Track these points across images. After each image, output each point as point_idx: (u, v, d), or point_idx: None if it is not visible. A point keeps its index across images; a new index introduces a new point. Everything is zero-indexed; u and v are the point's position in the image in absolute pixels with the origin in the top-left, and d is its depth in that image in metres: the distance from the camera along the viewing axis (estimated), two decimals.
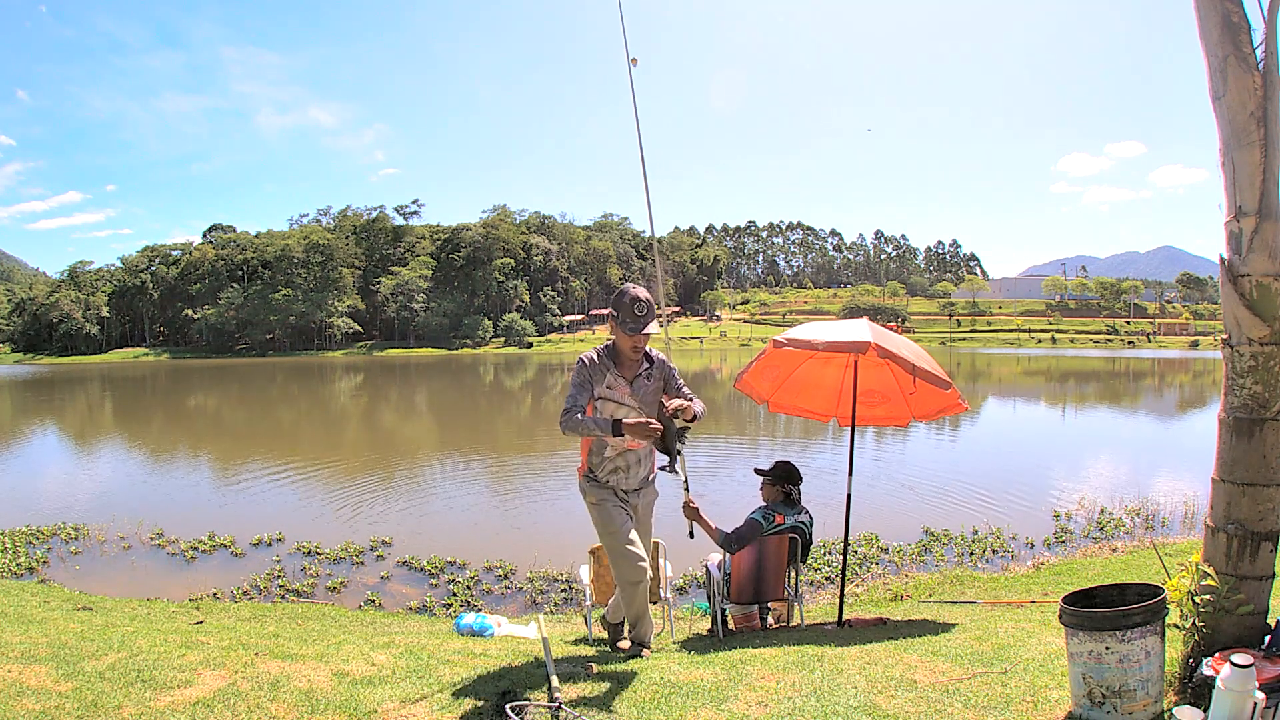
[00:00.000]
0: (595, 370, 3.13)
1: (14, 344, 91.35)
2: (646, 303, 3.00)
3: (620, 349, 3.12)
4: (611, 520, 3.16)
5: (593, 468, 3.24)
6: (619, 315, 3.01)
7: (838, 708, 2.33)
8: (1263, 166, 2.18)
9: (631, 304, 2.97)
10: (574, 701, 2.45)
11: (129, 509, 9.48)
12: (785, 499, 4.13)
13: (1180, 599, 2.21)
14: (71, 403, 29.70)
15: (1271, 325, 2.18)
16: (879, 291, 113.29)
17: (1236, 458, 2.22)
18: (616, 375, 3.12)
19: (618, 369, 3.13)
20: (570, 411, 3.01)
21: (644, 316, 2.99)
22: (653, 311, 3.03)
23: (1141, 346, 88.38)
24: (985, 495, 9.94)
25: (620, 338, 3.08)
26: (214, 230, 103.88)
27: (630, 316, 2.99)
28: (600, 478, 3.22)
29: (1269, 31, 2.16)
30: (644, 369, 3.18)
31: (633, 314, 2.99)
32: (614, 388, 3.12)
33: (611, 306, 3.05)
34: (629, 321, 3.00)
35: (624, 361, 3.16)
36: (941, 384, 4.07)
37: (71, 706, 2.22)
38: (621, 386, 3.13)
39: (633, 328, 2.98)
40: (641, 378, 3.16)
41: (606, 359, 3.14)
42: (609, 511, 3.17)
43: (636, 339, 3.02)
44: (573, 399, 3.04)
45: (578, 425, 2.97)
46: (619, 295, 3.01)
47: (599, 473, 3.22)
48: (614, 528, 3.14)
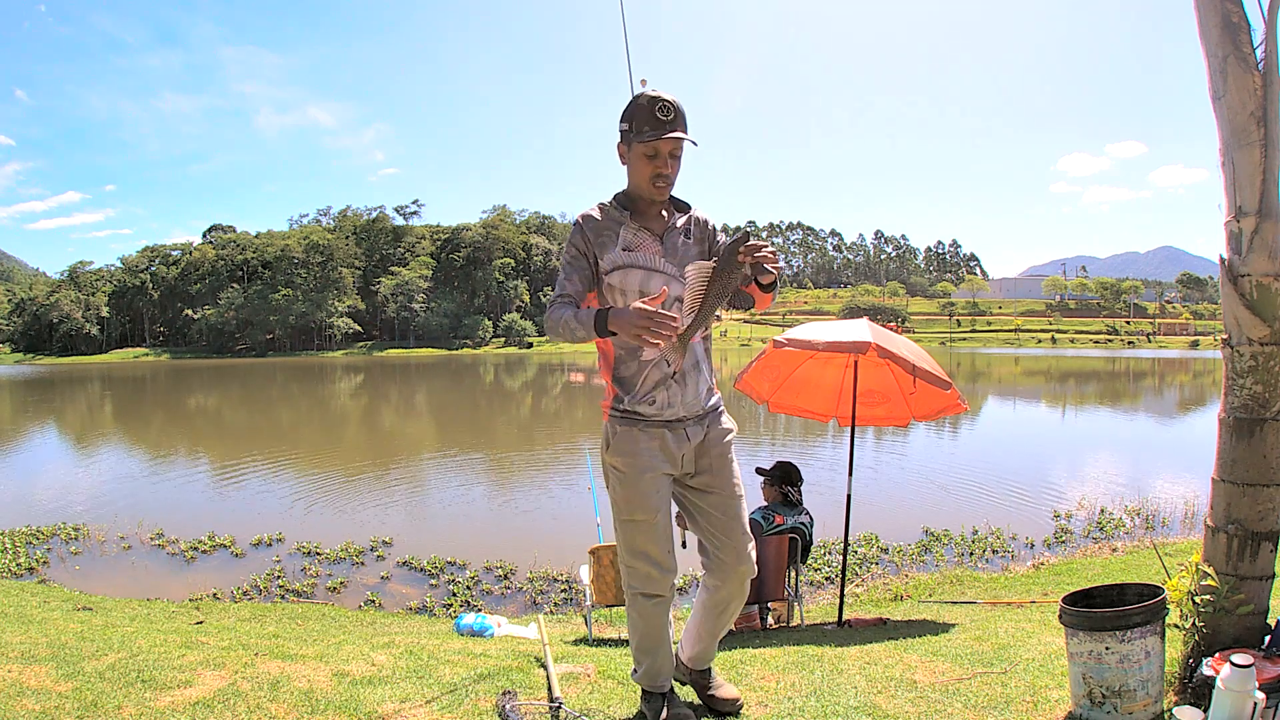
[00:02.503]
0: (598, 229, 2.01)
1: (14, 344, 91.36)
2: (673, 104, 1.92)
3: (638, 183, 2.00)
4: (646, 499, 2.00)
5: (623, 388, 2.04)
6: (632, 123, 1.94)
7: (838, 708, 2.32)
8: (1263, 166, 2.18)
9: (650, 104, 1.90)
10: (573, 701, 2.45)
11: (129, 509, 9.48)
12: (784, 500, 4.14)
13: (1180, 599, 2.21)
14: (71, 403, 29.70)
15: (1271, 325, 2.18)
16: (879, 291, 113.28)
17: (1236, 458, 2.22)
18: (638, 228, 2.02)
19: (635, 214, 2.03)
20: (558, 303, 1.96)
21: (670, 120, 1.91)
22: (683, 117, 1.94)
23: (1141, 346, 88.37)
24: (985, 495, 9.94)
25: (636, 164, 1.97)
26: (214, 230, 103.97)
27: (649, 119, 1.90)
28: (638, 403, 2.02)
29: (1269, 31, 2.16)
30: (676, 220, 2.07)
31: (653, 116, 1.90)
32: (635, 247, 2.01)
33: (621, 119, 1.98)
34: (647, 127, 1.91)
35: (645, 206, 2.04)
36: (941, 384, 4.08)
37: (71, 706, 2.22)
38: (648, 243, 2.02)
39: (652, 134, 1.90)
40: (676, 232, 2.05)
41: (616, 209, 2.04)
42: (642, 489, 2.01)
43: (660, 149, 1.92)
44: (561, 284, 2.00)
45: (558, 322, 1.90)
46: (631, 100, 1.97)
47: (637, 392, 2.01)
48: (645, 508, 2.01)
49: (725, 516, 2.09)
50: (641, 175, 1.98)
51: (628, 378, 2.04)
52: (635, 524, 2.04)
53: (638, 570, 2.08)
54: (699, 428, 2.08)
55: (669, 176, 1.97)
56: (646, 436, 2.03)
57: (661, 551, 2.07)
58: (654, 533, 2.04)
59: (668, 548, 2.08)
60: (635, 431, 2.03)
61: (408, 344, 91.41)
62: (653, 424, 2.02)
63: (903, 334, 5.33)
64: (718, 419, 2.13)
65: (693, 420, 2.07)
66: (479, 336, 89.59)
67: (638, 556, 2.06)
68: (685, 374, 2.03)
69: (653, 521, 2.03)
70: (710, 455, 2.10)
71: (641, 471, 2.01)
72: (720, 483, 2.09)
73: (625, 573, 2.12)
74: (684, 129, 1.93)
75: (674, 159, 1.96)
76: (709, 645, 2.26)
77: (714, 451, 2.11)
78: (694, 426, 2.07)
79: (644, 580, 2.08)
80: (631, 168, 2.00)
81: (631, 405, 2.03)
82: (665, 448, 2.04)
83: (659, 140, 1.91)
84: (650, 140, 1.91)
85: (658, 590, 2.09)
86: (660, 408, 2.01)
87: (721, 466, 2.10)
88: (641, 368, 2.01)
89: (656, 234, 2.03)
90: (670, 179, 1.98)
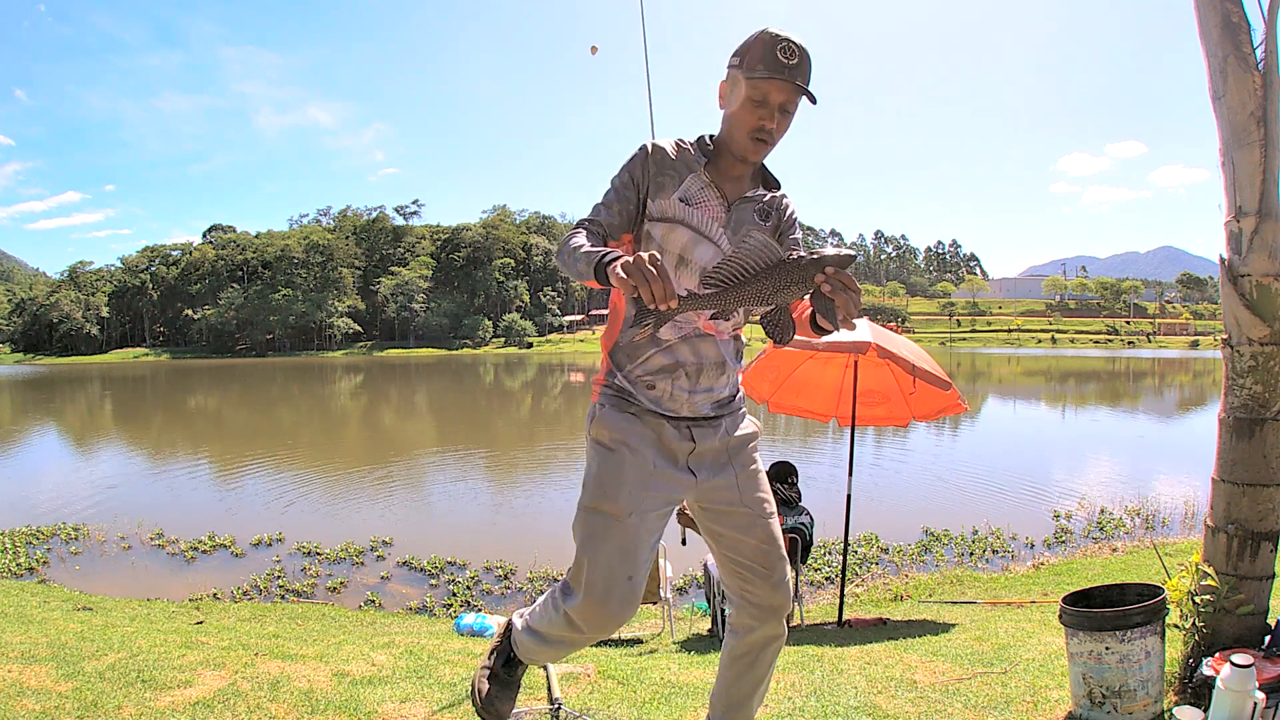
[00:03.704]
0: (662, 164, 1.61)
1: (14, 344, 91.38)
2: (799, 48, 1.51)
3: (732, 132, 1.58)
4: (621, 488, 1.54)
5: (619, 360, 1.65)
6: (744, 58, 1.53)
7: (838, 708, 2.33)
8: (1263, 166, 2.18)
9: (773, 41, 1.50)
10: (573, 701, 2.45)
11: (129, 509, 9.48)
12: (778, 501, 4.14)
13: (1180, 599, 2.21)
14: (71, 403, 29.71)
15: (1271, 325, 2.18)
16: (879, 292, 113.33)
17: (1236, 458, 2.22)
18: (709, 182, 1.61)
19: (713, 166, 1.63)
20: (582, 226, 1.56)
21: (794, 64, 1.50)
22: (809, 67, 1.53)
23: (1141, 346, 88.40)
24: (985, 495, 9.93)
25: (737, 109, 1.55)
26: (214, 230, 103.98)
27: (767, 57, 1.49)
28: (635, 386, 1.62)
29: (1269, 31, 2.16)
30: (757, 193, 1.67)
31: (773, 54, 1.49)
32: (697, 203, 1.60)
33: (734, 54, 1.57)
34: (761, 65, 1.50)
35: (730, 163, 1.63)
36: (941, 384, 4.08)
37: (71, 706, 2.22)
38: (713, 203, 1.61)
39: (766, 74, 1.49)
40: (750, 204, 1.65)
41: (693, 150, 1.63)
42: (620, 471, 1.56)
43: (771, 95, 1.51)
44: (598, 209, 1.60)
45: (568, 245, 1.47)
46: (751, 36, 1.55)
47: (633, 371, 1.63)
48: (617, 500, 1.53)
49: (755, 539, 1.64)
50: (741, 124, 1.55)
51: (625, 351, 1.63)
52: (598, 516, 1.53)
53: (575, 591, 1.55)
54: (710, 429, 1.64)
55: (773, 133, 1.55)
56: (640, 422, 1.60)
57: (614, 578, 1.50)
58: (613, 538, 1.51)
59: (627, 573, 1.51)
60: (620, 408, 1.61)
61: (408, 344, 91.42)
62: (649, 413, 1.61)
63: (903, 334, 5.34)
64: (736, 420, 1.70)
65: (701, 421, 1.64)
66: (479, 337, 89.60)
67: (581, 567, 1.53)
68: (703, 369, 1.61)
69: (620, 522, 1.51)
70: (730, 464, 1.66)
71: (631, 451, 1.56)
72: (745, 498, 1.65)
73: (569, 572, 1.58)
74: (806, 80, 1.53)
75: (784, 114, 1.55)
76: (745, 709, 1.73)
77: (735, 460, 1.67)
78: (703, 428, 1.63)
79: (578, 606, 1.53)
80: (730, 112, 1.57)
81: (625, 382, 1.62)
82: (663, 441, 1.60)
83: (772, 83, 1.50)
84: (762, 80, 1.50)
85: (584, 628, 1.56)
86: (658, 398, 1.60)
87: (746, 479, 1.67)
88: (638, 347, 1.61)
89: (727, 198, 1.63)
90: (774, 138, 1.56)
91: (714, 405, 1.65)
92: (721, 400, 1.66)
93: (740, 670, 1.71)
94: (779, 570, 1.65)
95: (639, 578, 1.53)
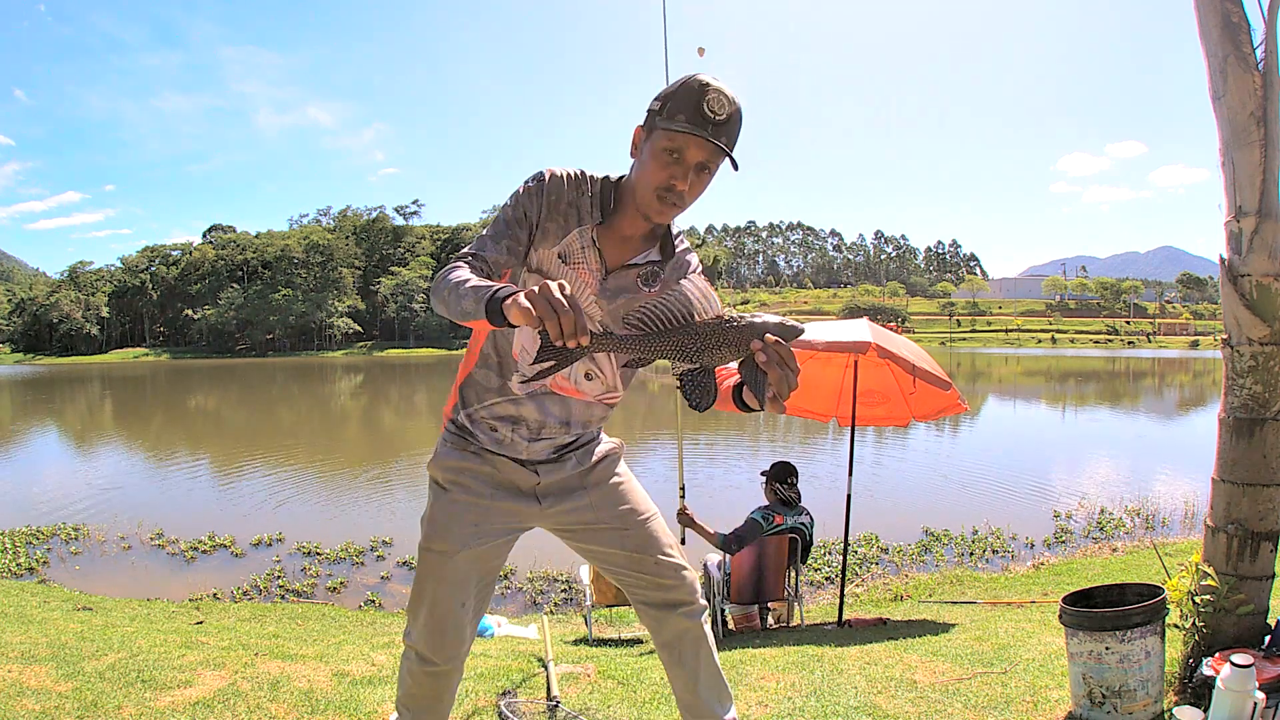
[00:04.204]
0: (558, 204, 1.46)
1: (14, 344, 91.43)
2: (730, 101, 1.33)
3: (640, 186, 1.40)
4: (450, 526, 1.55)
5: (465, 398, 1.60)
6: (666, 104, 1.34)
7: (838, 708, 2.33)
8: (1263, 166, 2.18)
9: (700, 90, 1.31)
10: (573, 701, 2.45)
11: (129, 509, 9.48)
12: (778, 501, 4.14)
13: (1180, 599, 2.21)
14: (71, 403, 29.71)
15: (1271, 325, 2.18)
16: (879, 291, 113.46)
17: (1236, 458, 2.22)
18: (591, 242, 1.46)
19: (605, 226, 1.47)
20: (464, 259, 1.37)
21: (720, 121, 1.32)
22: (736, 126, 1.36)
23: (1141, 346, 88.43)
24: (985, 495, 9.94)
25: (649, 160, 1.37)
26: (214, 230, 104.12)
27: (691, 108, 1.31)
28: (473, 420, 1.58)
29: (1269, 31, 2.16)
30: (648, 258, 1.51)
31: (698, 106, 1.31)
32: (574, 262, 1.46)
33: (656, 98, 1.38)
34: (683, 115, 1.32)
35: (630, 219, 1.46)
36: (941, 384, 4.08)
37: (71, 706, 2.22)
38: (590, 265, 1.47)
39: (687, 127, 1.31)
40: (631, 274, 1.50)
41: (596, 194, 1.47)
42: (452, 511, 1.56)
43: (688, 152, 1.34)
44: (483, 242, 1.42)
45: (449, 279, 1.26)
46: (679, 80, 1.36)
47: (476, 412, 1.58)
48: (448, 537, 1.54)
49: (626, 550, 1.62)
50: (650, 179, 1.37)
51: (478, 385, 1.57)
52: (432, 555, 1.54)
53: (413, 622, 1.59)
54: (554, 465, 1.60)
55: (684, 195, 1.37)
56: (478, 459, 1.58)
57: (447, 608, 1.54)
58: (444, 574, 1.53)
59: (460, 600, 1.54)
60: (460, 446, 1.59)
61: (408, 344, 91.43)
62: (487, 451, 1.58)
63: (903, 334, 5.34)
64: (588, 450, 1.65)
65: (543, 462, 1.60)
66: None
67: (420, 602, 1.56)
68: (545, 426, 1.55)
69: (452, 559, 1.52)
70: (581, 486, 1.63)
71: (464, 489, 1.56)
72: (604, 515, 1.63)
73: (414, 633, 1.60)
74: (731, 142, 1.35)
75: (701, 174, 1.37)
76: (698, 708, 1.65)
77: (588, 480, 1.64)
78: (546, 465, 1.60)
79: (417, 638, 1.58)
80: (641, 163, 1.39)
81: (468, 421, 1.58)
82: (502, 474, 1.58)
83: (692, 138, 1.31)
84: (681, 132, 1.31)
85: (432, 657, 1.58)
86: (499, 440, 1.56)
87: (602, 496, 1.64)
88: (485, 390, 1.55)
89: (606, 264, 1.47)
90: (685, 200, 1.38)
91: (555, 450, 1.60)
92: (564, 444, 1.61)
93: (673, 672, 1.67)
94: (664, 568, 1.63)
95: (471, 603, 1.58)
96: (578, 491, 1.63)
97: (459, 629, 1.58)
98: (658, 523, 1.68)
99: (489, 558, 1.59)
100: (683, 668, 1.64)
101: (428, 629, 1.56)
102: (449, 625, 1.56)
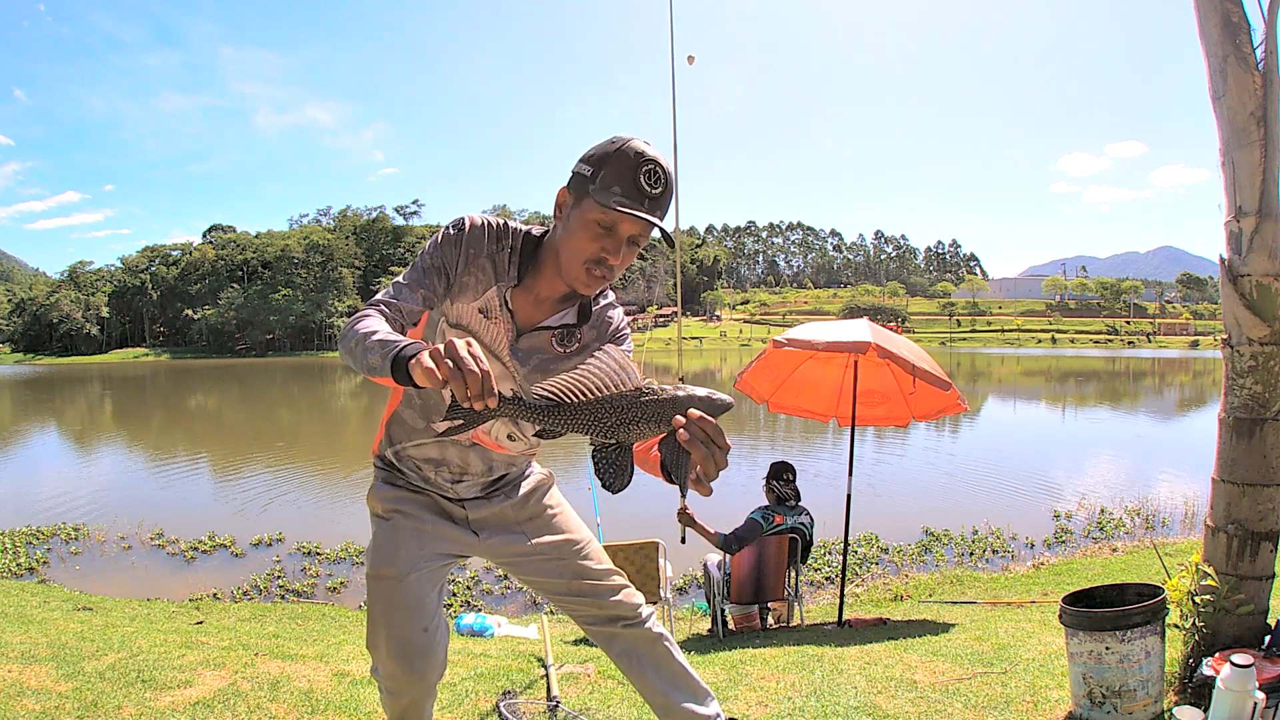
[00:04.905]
0: (476, 258, 1.41)
1: (14, 344, 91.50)
2: (665, 175, 1.29)
3: (566, 256, 1.34)
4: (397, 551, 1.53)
5: (392, 432, 1.60)
6: (599, 172, 1.28)
7: (838, 708, 2.33)
8: (1263, 166, 2.18)
9: (637, 161, 1.26)
10: (573, 701, 2.45)
11: (129, 509, 9.48)
12: (777, 500, 4.14)
13: (1180, 599, 2.21)
14: (71, 403, 29.71)
15: (1271, 325, 2.18)
16: (879, 291, 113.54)
17: (1236, 458, 2.23)
18: (505, 302, 1.42)
19: (521, 288, 1.43)
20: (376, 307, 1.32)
21: (655, 194, 1.28)
22: (669, 198, 1.31)
23: (1141, 346, 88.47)
24: (985, 495, 9.93)
25: (577, 230, 1.31)
26: (214, 230, 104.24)
27: (626, 180, 1.26)
28: (399, 457, 1.60)
29: (1269, 31, 2.16)
30: (565, 320, 1.47)
31: (634, 178, 1.26)
32: (493, 318, 1.42)
33: (585, 159, 1.32)
34: (618, 188, 1.26)
35: (547, 281, 1.42)
36: (941, 384, 4.08)
37: (71, 706, 2.22)
38: (503, 327, 1.43)
39: (623, 200, 1.26)
40: (546, 336, 1.46)
41: (515, 250, 1.43)
42: (397, 536, 1.54)
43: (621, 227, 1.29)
44: (398, 288, 1.37)
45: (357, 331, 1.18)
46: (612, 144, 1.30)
47: (403, 447, 1.58)
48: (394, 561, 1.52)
49: (565, 579, 1.64)
50: (578, 250, 1.31)
51: (404, 424, 1.56)
52: (381, 583, 1.51)
53: (375, 655, 1.55)
54: (481, 501, 1.62)
55: (614, 269, 1.32)
56: (411, 491, 1.60)
57: (409, 635, 1.50)
58: (398, 599, 1.50)
59: (421, 625, 1.51)
60: (392, 480, 1.61)
61: None
62: (413, 489, 1.60)
63: (903, 334, 5.34)
64: (516, 485, 1.66)
65: (470, 499, 1.62)
66: None
67: (376, 633, 1.51)
68: (467, 472, 1.58)
69: (402, 583, 1.50)
70: (514, 521, 1.65)
71: (404, 515, 1.56)
72: (541, 547, 1.64)
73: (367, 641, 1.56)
74: (664, 215, 1.31)
75: (631, 248, 1.32)
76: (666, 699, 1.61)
77: (520, 514, 1.66)
78: (474, 501, 1.62)
79: (384, 673, 1.56)
80: (569, 229, 1.32)
81: (394, 458, 1.60)
82: (437, 505, 1.61)
83: (625, 216, 1.26)
84: (615, 209, 1.24)
85: (393, 688, 1.57)
86: (425, 478, 1.59)
87: (537, 529, 1.66)
88: (410, 430, 1.56)
89: (518, 324, 1.43)
90: (614, 273, 1.33)
91: (482, 488, 1.62)
92: (489, 483, 1.63)
93: (636, 679, 1.64)
94: (602, 590, 1.64)
95: (433, 625, 1.54)
96: (510, 527, 1.65)
97: (425, 655, 1.53)
98: (592, 548, 1.70)
99: (438, 578, 1.58)
100: (643, 671, 1.62)
101: (391, 659, 1.51)
102: (414, 654, 1.51)
